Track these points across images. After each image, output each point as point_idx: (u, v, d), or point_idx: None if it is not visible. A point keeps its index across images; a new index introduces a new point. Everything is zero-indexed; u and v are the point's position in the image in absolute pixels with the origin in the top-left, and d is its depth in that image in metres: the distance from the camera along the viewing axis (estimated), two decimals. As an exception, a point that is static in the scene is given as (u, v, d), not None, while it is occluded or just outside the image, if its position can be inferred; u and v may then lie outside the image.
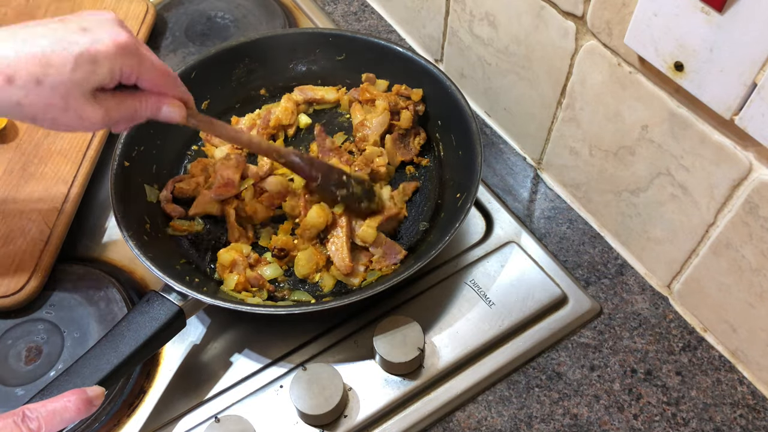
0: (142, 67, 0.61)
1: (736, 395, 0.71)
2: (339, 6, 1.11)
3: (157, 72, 0.63)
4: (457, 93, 0.81)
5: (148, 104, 0.64)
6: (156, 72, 0.63)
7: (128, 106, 0.62)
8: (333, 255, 0.74)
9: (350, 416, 0.68)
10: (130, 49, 0.59)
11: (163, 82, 0.64)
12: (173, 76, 0.65)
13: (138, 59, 0.60)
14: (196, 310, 0.70)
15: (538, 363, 0.73)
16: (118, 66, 0.59)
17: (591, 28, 0.69)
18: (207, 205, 0.80)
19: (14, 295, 0.73)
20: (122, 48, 0.58)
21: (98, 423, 0.69)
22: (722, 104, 0.57)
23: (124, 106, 0.62)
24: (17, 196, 0.81)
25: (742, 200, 0.62)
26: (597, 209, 0.82)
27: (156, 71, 0.63)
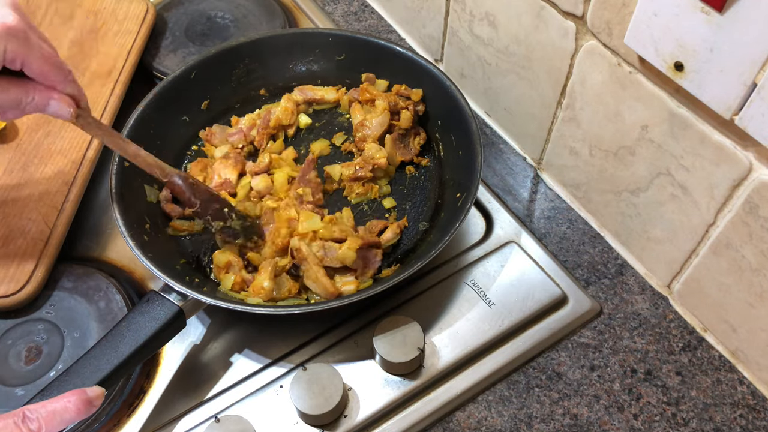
0: (29, 53, 0.59)
1: (736, 395, 0.71)
2: (339, 6, 1.11)
3: (45, 62, 0.60)
4: (457, 93, 0.81)
5: (35, 96, 0.62)
6: (44, 62, 0.60)
7: (11, 93, 0.60)
8: (312, 287, 0.73)
9: (350, 416, 0.68)
10: (16, 33, 0.57)
11: (51, 73, 0.61)
12: (65, 70, 0.63)
13: (25, 44, 0.58)
14: (196, 310, 0.70)
15: (538, 363, 0.73)
16: (1, 48, 0.57)
17: (591, 28, 0.69)
18: None
19: (14, 295, 0.73)
20: (8, 30, 0.57)
21: (98, 423, 0.69)
22: (722, 104, 0.57)
23: (8, 93, 0.60)
24: (17, 196, 0.81)
25: (742, 200, 0.62)
26: (597, 209, 0.82)
27: (44, 61, 0.60)
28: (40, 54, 0.60)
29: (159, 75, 0.98)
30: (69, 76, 0.63)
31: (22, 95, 0.61)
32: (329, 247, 0.74)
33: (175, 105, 0.86)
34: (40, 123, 0.88)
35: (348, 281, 0.74)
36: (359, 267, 0.74)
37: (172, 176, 0.73)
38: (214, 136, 0.87)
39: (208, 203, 0.75)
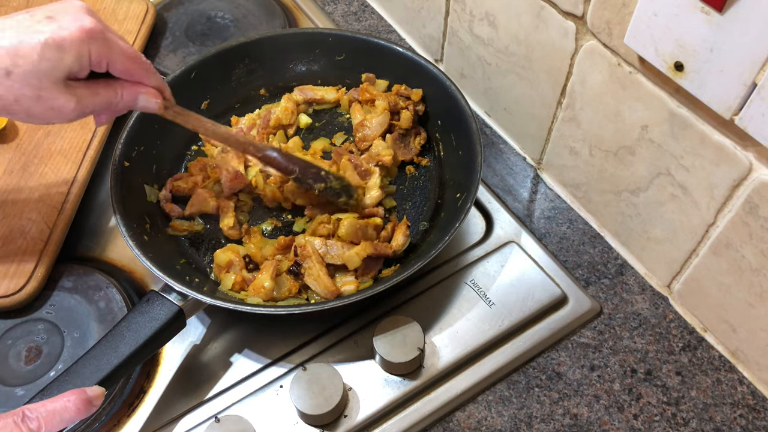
0: (111, 53, 0.60)
1: (736, 395, 0.71)
2: (339, 6, 1.11)
3: (127, 58, 0.62)
4: (457, 93, 0.81)
5: (124, 94, 0.64)
6: (126, 58, 0.62)
7: (102, 95, 0.62)
8: (313, 286, 0.73)
9: (350, 416, 0.68)
10: (96, 35, 0.59)
11: (135, 68, 0.63)
12: (146, 64, 0.64)
13: (106, 45, 0.60)
14: (196, 310, 0.70)
15: (538, 363, 0.73)
16: (85, 52, 0.58)
17: (591, 28, 0.69)
18: (202, 204, 0.80)
19: (14, 295, 0.73)
20: (88, 33, 0.58)
21: (98, 423, 0.69)
22: (722, 104, 0.57)
23: (99, 96, 0.62)
24: (17, 196, 0.81)
25: (742, 200, 0.62)
26: (597, 209, 0.82)
27: (126, 57, 0.62)
28: (121, 52, 0.61)
29: (159, 75, 0.98)
30: (150, 69, 0.65)
31: (112, 96, 0.63)
32: (332, 245, 0.74)
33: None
34: (40, 123, 0.88)
35: (348, 281, 0.74)
36: (360, 268, 0.74)
37: (266, 150, 0.75)
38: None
39: (305, 169, 0.76)
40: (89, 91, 0.61)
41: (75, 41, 0.57)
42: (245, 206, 0.81)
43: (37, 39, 0.56)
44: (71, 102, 0.60)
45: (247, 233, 0.79)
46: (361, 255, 0.73)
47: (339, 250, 0.74)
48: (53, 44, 0.57)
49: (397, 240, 0.77)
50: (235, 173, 0.80)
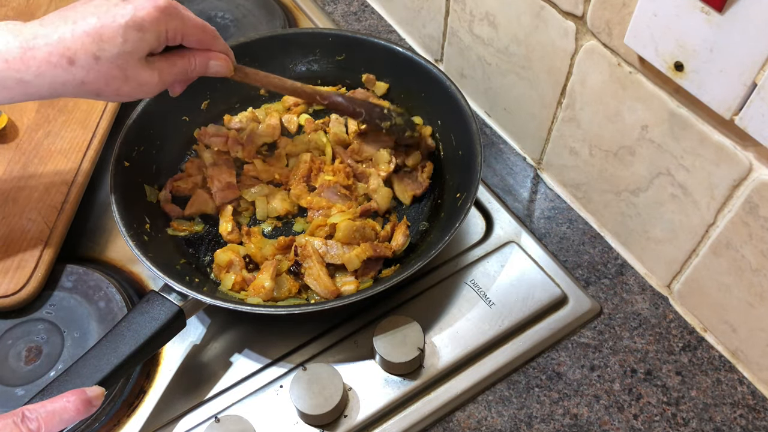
0: (185, 26, 0.64)
1: (736, 395, 0.71)
2: (339, 6, 1.11)
3: (198, 29, 0.66)
4: (457, 93, 0.81)
5: (196, 62, 0.67)
6: (198, 29, 0.66)
7: (179, 66, 0.66)
8: (313, 286, 0.73)
9: (350, 416, 0.68)
10: (171, 11, 0.62)
11: (206, 38, 0.67)
12: (213, 32, 0.68)
13: (180, 19, 0.63)
14: (196, 310, 0.70)
15: (538, 363, 0.73)
16: (163, 29, 0.62)
17: (591, 28, 0.69)
18: (202, 205, 0.80)
19: (14, 295, 0.73)
20: (163, 11, 0.61)
21: (98, 423, 0.69)
22: (722, 104, 0.57)
23: (176, 66, 0.66)
24: (17, 196, 0.81)
25: (742, 200, 0.62)
26: (597, 209, 0.82)
27: (198, 29, 0.66)
28: (193, 24, 0.65)
29: (159, 75, 0.98)
30: (217, 36, 0.69)
31: (187, 65, 0.67)
32: (332, 245, 0.74)
33: (176, 105, 0.85)
34: (40, 123, 0.88)
35: (348, 281, 0.74)
36: (360, 269, 0.74)
37: (332, 97, 0.80)
38: (208, 135, 0.86)
39: (370, 109, 0.81)
40: (167, 63, 0.65)
41: (153, 20, 0.60)
42: (246, 212, 0.81)
43: (118, 22, 0.59)
44: (155, 77, 0.64)
45: (247, 234, 0.79)
46: (360, 257, 0.73)
47: (339, 249, 0.74)
48: (134, 25, 0.59)
49: (397, 240, 0.77)
50: (226, 184, 0.80)
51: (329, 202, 0.78)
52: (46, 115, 0.88)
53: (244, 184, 0.82)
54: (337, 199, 0.79)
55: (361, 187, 0.81)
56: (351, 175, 0.82)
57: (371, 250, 0.73)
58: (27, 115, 0.89)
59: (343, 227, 0.75)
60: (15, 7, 1.01)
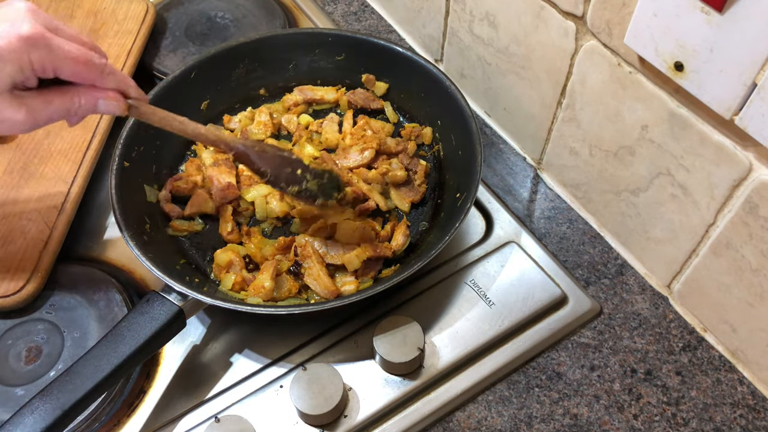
0: (55, 58, 0.56)
1: (736, 395, 0.71)
2: (339, 6, 1.11)
3: (75, 62, 0.58)
4: (457, 93, 0.81)
5: (81, 100, 0.60)
6: (74, 62, 0.58)
7: (57, 104, 0.59)
8: (313, 286, 0.73)
9: (350, 416, 0.68)
10: (35, 41, 0.55)
11: (86, 72, 0.59)
12: (99, 66, 0.60)
13: (48, 50, 0.56)
14: (196, 310, 0.70)
15: (538, 363, 0.73)
16: (26, 60, 0.55)
17: (591, 28, 0.69)
18: (202, 205, 0.80)
19: (14, 295, 0.73)
20: (26, 41, 0.54)
21: (98, 423, 0.69)
22: (722, 104, 0.57)
23: (53, 104, 0.59)
24: (17, 196, 0.81)
25: (742, 200, 0.62)
26: (597, 209, 0.82)
27: (74, 61, 0.58)
28: (66, 55, 0.57)
29: (159, 75, 0.98)
30: (105, 70, 0.61)
31: (68, 103, 0.59)
32: (332, 245, 0.74)
33: (175, 105, 0.85)
34: (40, 123, 0.88)
35: (348, 281, 0.74)
36: (360, 269, 0.74)
37: (237, 147, 0.70)
38: None
39: (279, 169, 0.71)
40: (41, 100, 0.58)
41: (13, 50, 0.54)
42: (246, 212, 0.81)
43: None
44: (20, 113, 0.57)
45: (247, 234, 0.79)
46: (360, 257, 0.73)
47: (339, 250, 0.74)
48: None
49: (397, 240, 0.77)
50: (227, 185, 0.80)
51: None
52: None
53: (243, 184, 0.82)
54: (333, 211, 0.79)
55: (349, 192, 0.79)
56: None
57: (371, 251, 0.73)
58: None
59: (343, 227, 0.75)
60: (15, 7, 1.01)
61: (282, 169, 0.71)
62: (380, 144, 0.84)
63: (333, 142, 0.86)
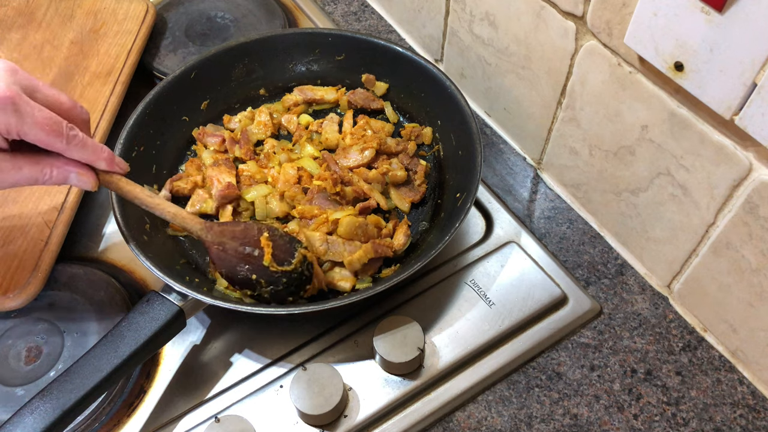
0: (21, 123, 0.55)
1: (736, 395, 0.71)
2: (339, 6, 1.11)
3: (41, 129, 0.56)
4: (457, 93, 0.81)
5: (53, 172, 0.59)
6: (40, 129, 0.56)
7: (26, 171, 0.58)
8: None
9: (350, 416, 0.68)
10: (4, 104, 0.54)
11: (51, 141, 0.57)
12: (66, 135, 0.58)
13: (15, 114, 0.54)
14: (196, 310, 0.70)
15: (538, 363, 0.73)
16: None
17: (591, 28, 0.69)
18: (202, 205, 0.80)
19: (14, 295, 0.73)
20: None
21: (98, 423, 0.69)
22: (722, 104, 0.57)
23: (21, 171, 0.57)
24: (17, 196, 0.81)
25: (742, 200, 0.62)
26: (597, 209, 0.82)
27: (40, 128, 0.56)
28: (34, 121, 0.55)
29: (159, 75, 0.98)
30: (74, 141, 0.58)
31: (38, 173, 0.58)
32: (333, 242, 0.74)
33: (175, 105, 0.86)
34: (40, 123, 0.88)
35: (345, 277, 0.74)
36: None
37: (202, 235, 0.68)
38: (207, 135, 0.86)
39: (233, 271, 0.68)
40: (11, 165, 0.57)
41: None
42: (246, 212, 0.81)
43: None
44: None
45: None
46: (362, 260, 0.73)
47: (340, 247, 0.74)
48: None
49: (399, 239, 0.77)
50: (227, 184, 0.80)
51: (321, 209, 0.78)
52: None
53: (243, 184, 0.82)
54: (329, 205, 0.78)
55: (349, 191, 0.79)
56: (338, 181, 0.79)
57: (372, 252, 0.73)
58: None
59: (345, 223, 0.75)
60: (15, 7, 1.01)
61: (237, 271, 0.68)
62: (380, 144, 0.84)
63: (333, 142, 0.86)
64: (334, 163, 0.83)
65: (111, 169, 0.64)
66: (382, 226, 0.78)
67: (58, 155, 0.59)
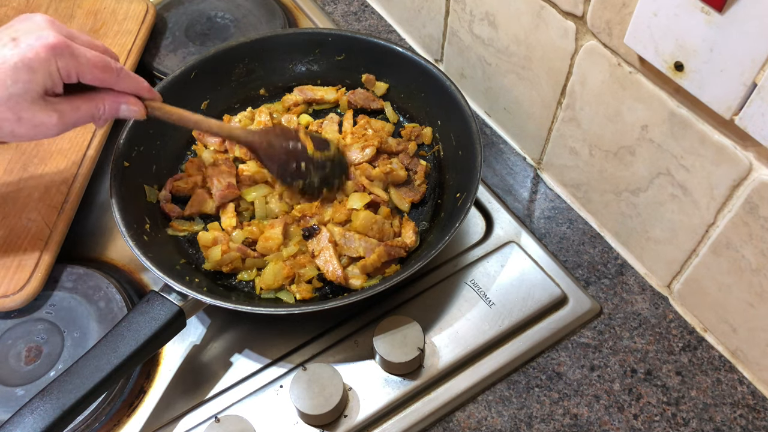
0: (79, 64, 0.61)
1: (736, 395, 0.71)
2: (339, 6, 1.11)
3: (95, 67, 0.62)
4: (457, 93, 0.81)
5: (105, 106, 0.65)
6: (94, 67, 0.62)
7: (84, 110, 0.64)
8: (323, 268, 0.74)
9: (350, 416, 0.68)
10: (61, 50, 0.60)
11: (105, 76, 0.64)
12: (116, 70, 0.65)
13: (73, 57, 0.60)
14: (196, 310, 0.70)
15: (538, 363, 0.73)
16: (54, 68, 0.60)
17: (591, 28, 0.69)
18: (202, 205, 0.80)
19: (14, 295, 0.73)
20: (52, 50, 0.59)
21: (98, 423, 0.69)
22: (722, 104, 0.57)
23: (80, 110, 0.63)
24: (17, 196, 0.81)
25: (742, 200, 0.62)
26: (597, 209, 0.82)
27: (94, 66, 0.62)
28: (88, 62, 0.62)
29: (159, 75, 0.98)
30: (122, 73, 0.65)
31: (93, 109, 0.64)
32: (350, 237, 0.74)
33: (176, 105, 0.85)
34: (40, 123, 0.88)
35: (356, 275, 0.74)
36: None
37: (247, 144, 0.75)
38: (206, 135, 0.86)
39: (285, 165, 0.75)
40: (70, 107, 0.62)
41: (41, 60, 0.58)
42: (246, 212, 0.81)
43: (6, 63, 0.58)
44: (53, 118, 0.61)
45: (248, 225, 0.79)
46: (376, 264, 0.73)
47: (356, 243, 0.74)
48: (22, 66, 0.58)
49: (410, 237, 0.77)
50: (227, 184, 0.80)
51: (321, 207, 0.78)
52: None
53: (243, 184, 0.82)
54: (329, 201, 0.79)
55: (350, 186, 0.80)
56: None
57: (386, 255, 0.74)
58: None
59: (362, 217, 0.75)
60: (15, 7, 1.01)
61: (288, 165, 0.75)
62: (381, 142, 0.84)
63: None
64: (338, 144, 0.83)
65: (152, 96, 0.70)
66: (397, 227, 0.78)
67: (107, 91, 0.65)
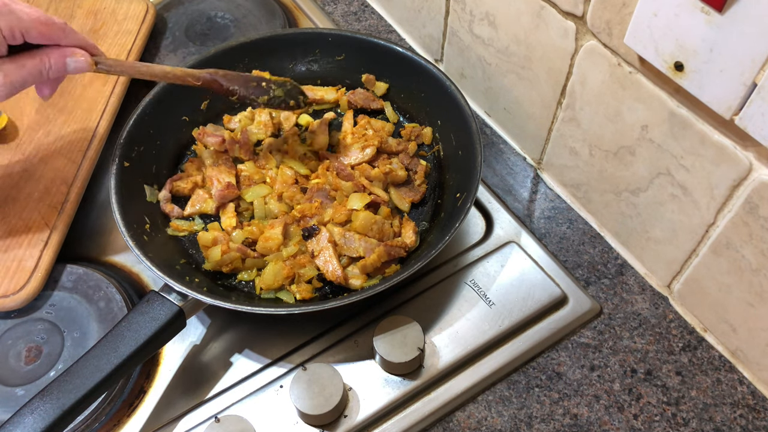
0: (21, 22, 0.61)
1: (736, 395, 0.71)
2: (339, 6, 1.11)
3: (40, 23, 0.63)
4: (457, 93, 0.81)
5: (51, 61, 0.65)
6: (39, 23, 0.63)
7: (29, 67, 0.64)
8: (323, 268, 0.74)
9: (350, 416, 0.68)
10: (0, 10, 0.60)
11: (51, 31, 0.64)
12: (61, 24, 0.65)
13: (13, 16, 0.61)
14: (196, 310, 0.70)
15: (538, 363, 0.73)
16: None
17: (591, 28, 0.69)
18: (202, 205, 0.80)
19: (14, 295, 0.73)
20: None
21: (98, 423, 0.69)
22: (722, 104, 0.57)
23: (25, 68, 0.63)
24: (17, 196, 0.81)
25: (742, 200, 0.62)
26: (597, 209, 0.82)
27: (39, 23, 0.63)
28: (31, 19, 0.62)
29: (159, 75, 0.98)
30: (67, 29, 0.65)
31: (39, 65, 0.64)
32: (350, 237, 0.74)
33: (175, 105, 0.86)
34: (40, 123, 0.88)
35: (356, 275, 0.74)
36: None
37: (204, 77, 0.76)
38: (207, 135, 0.86)
39: (245, 85, 0.78)
40: (14, 65, 0.63)
41: None
42: (246, 212, 0.81)
43: None
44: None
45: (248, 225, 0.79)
46: (375, 264, 0.73)
47: (356, 243, 0.74)
48: None
49: (410, 237, 0.77)
50: (227, 184, 0.80)
51: (321, 207, 0.78)
52: (46, 115, 0.88)
53: (243, 184, 0.82)
54: (329, 201, 0.79)
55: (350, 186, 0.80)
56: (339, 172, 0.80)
57: (386, 255, 0.73)
58: (27, 115, 0.89)
59: (362, 217, 0.75)
60: None
61: (248, 84, 0.79)
62: (381, 142, 0.84)
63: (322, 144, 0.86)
64: (336, 161, 0.83)
65: (98, 53, 0.69)
66: (397, 228, 0.78)
67: (52, 47, 0.65)
